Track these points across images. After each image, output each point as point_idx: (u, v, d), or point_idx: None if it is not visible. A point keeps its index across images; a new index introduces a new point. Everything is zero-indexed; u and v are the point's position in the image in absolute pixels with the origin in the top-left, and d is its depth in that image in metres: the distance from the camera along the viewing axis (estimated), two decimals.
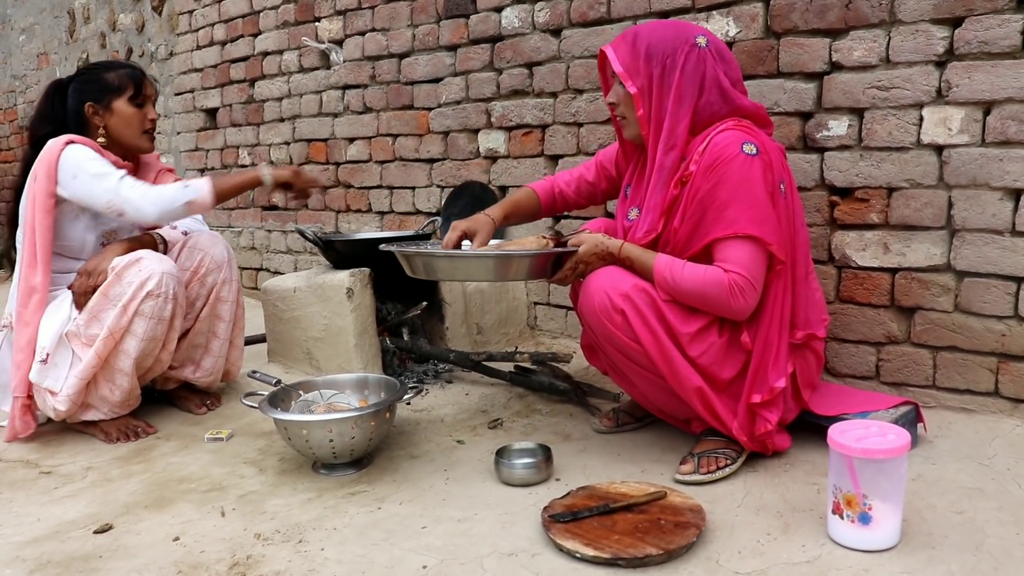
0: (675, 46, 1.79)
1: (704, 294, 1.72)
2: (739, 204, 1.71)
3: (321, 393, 2.12)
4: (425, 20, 3.21)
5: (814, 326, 1.88)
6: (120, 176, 2.14)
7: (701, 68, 1.78)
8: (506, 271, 1.85)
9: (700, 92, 1.79)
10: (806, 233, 1.92)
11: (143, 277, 2.10)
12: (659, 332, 1.73)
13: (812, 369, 1.91)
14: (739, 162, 1.71)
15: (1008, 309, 1.98)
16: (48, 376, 2.16)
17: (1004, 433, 1.94)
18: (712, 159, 1.73)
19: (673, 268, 1.74)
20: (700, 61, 1.78)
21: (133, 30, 4.91)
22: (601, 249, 1.82)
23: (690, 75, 1.78)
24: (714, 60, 1.80)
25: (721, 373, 1.77)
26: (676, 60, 1.78)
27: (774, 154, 1.79)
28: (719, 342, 1.76)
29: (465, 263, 1.89)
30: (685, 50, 1.78)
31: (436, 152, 3.28)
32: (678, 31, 1.82)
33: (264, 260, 4.27)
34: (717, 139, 1.75)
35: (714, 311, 1.75)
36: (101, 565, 1.55)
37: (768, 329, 1.77)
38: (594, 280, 1.80)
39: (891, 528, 1.45)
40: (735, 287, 1.70)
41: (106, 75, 2.27)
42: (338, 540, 1.60)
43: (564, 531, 1.52)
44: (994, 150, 1.96)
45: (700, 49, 1.79)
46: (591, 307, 1.78)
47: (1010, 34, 1.90)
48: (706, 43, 1.80)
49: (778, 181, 1.76)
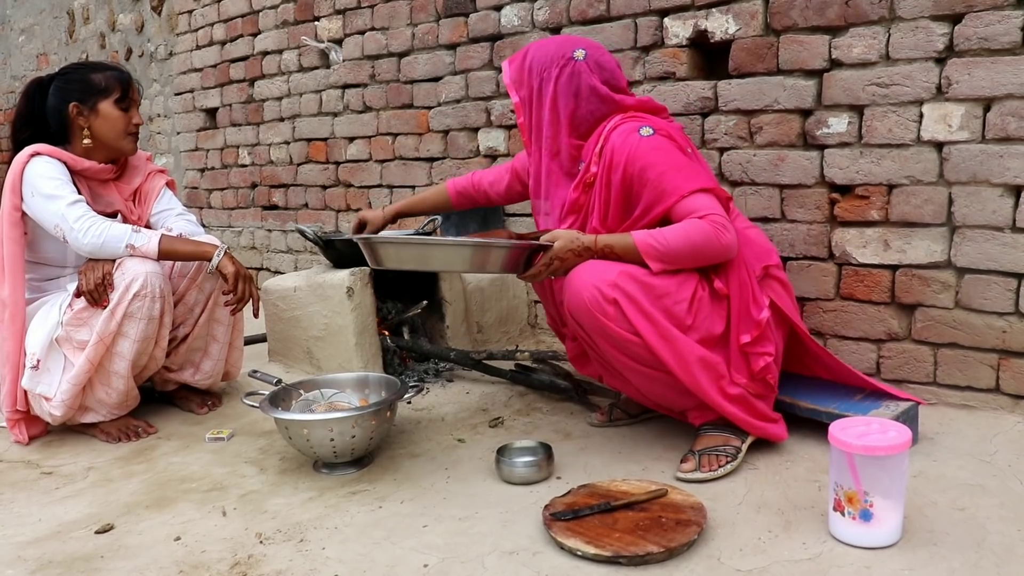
0: (552, 60, 1.93)
1: (693, 243, 1.75)
2: (669, 172, 1.80)
3: (322, 392, 2.12)
4: (424, 19, 3.21)
5: (767, 257, 1.92)
6: (71, 201, 2.11)
7: (575, 80, 1.91)
8: (482, 262, 1.84)
9: (576, 101, 1.92)
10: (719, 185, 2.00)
11: (127, 280, 2.10)
12: (655, 314, 1.73)
13: (785, 297, 1.93)
14: (644, 144, 1.82)
15: (1009, 305, 1.98)
16: (40, 382, 2.15)
17: (1005, 430, 1.94)
18: (618, 155, 1.83)
19: (655, 235, 1.77)
20: (574, 73, 1.91)
21: (132, 30, 4.91)
22: (577, 245, 1.81)
23: (564, 86, 1.92)
24: (590, 71, 1.92)
25: (714, 328, 1.79)
26: (551, 73, 1.93)
27: (672, 129, 1.90)
28: (705, 296, 1.80)
29: (440, 251, 1.88)
30: (560, 63, 1.92)
31: (436, 151, 3.28)
32: (560, 46, 1.96)
33: (264, 260, 4.27)
34: (612, 136, 1.87)
35: (709, 258, 1.78)
36: (102, 565, 1.55)
37: (738, 270, 1.81)
38: (578, 276, 1.78)
39: (892, 525, 1.45)
40: (717, 225, 1.75)
41: (93, 76, 2.24)
42: (339, 539, 1.60)
43: (565, 529, 1.52)
44: (994, 146, 1.95)
45: (576, 62, 1.92)
46: (581, 303, 1.76)
47: (1010, 30, 1.90)
48: (584, 55, 1.93)
49: (684, 147, 1.87)
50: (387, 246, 1.88)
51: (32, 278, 2.28)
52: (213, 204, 4.57)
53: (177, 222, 2.40)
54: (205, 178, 4.60)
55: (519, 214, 3.04)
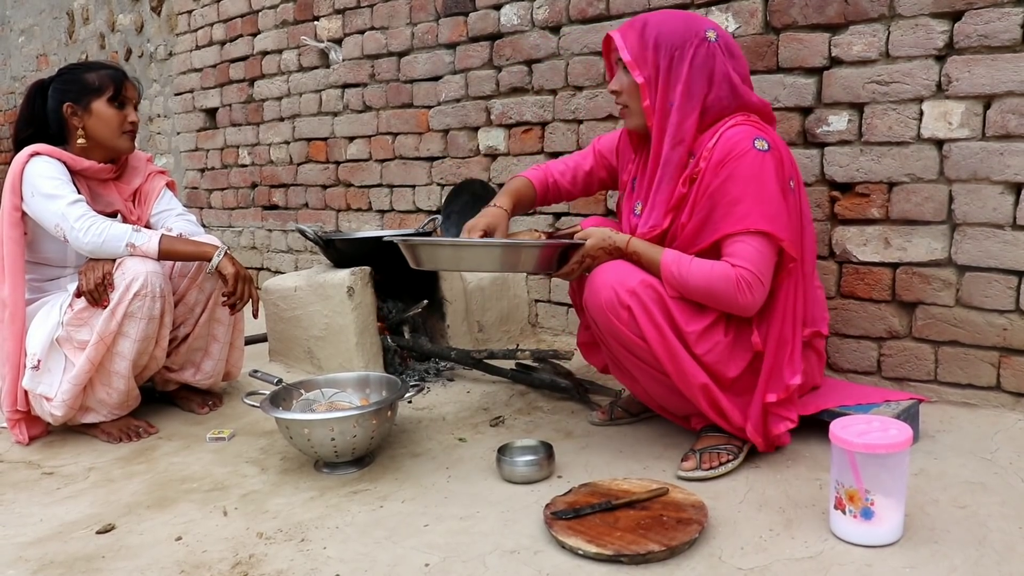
0: (685, 38, 1.76)
1: (711, 289, 1.70)
2: (750, 200, 1.69)
3: (322, 392, 2.12)
4: (424, 18, 3.21)
5: (819, 323, 1.88)
6: (71, 201, 2.11)
7: (711, 62, 1.76)
8: (514, 262, 1.80)
9: (709, 87, 1.76)
10: (813, 230, 1.90)
11: (128, 279, 2.10)
12: (665, 329, 1.72)
13: (814, 368, 1.92)
14: (751, 157, 1.69)
15: (1009, 303, 1.98)
16: (41, 382, 2.16)
17: (1006, 427, 1.94)
18: (723, 154, 1.71)
19: (680, 263, 1.73)
20: (710, 55, 1.76)
21: (132, 30, 4.91)
22: (608, 244, 1.80)
23: (699, 69, 1.75)
24: (724, 55, 1.77)
25: (727, 371, 1.76)
26: (685, 52, 1.75)
27: (784, 151, 1.78)
28: (724, 341, 1.75)
29: (472, 252, 1.83)
30: (695, 43, 1.75)
31: (436, 150, 3.28)
32: (688, 23, 1.79)
33: (265, 259, 4.27)
34: (728, 134, 1.73)
35: (721, 307, 1.74)
36: (104, 565, 1.55)
37: (782, 327, 1.76)
38: (600, 275, 1.77)
39: (893, 523, 1.45)
40: (743, 282, 1.68)
41: (86, 76, 2.24)
42: (340, 539, 1.60)
43: (566, 528, 1.52)
44: (995, 144, 1.95)
45: (710, 43, 1.76)
46: (597, 302, 1.76)
47: (1010, 27, 1.90)
48: (715, 37, 1.77)
49: (788, 178, 1.75)
50: (426, 248, 1.85)
51: (32, 278, 2.28)
52: (213, 204, 4.57)
53: (177, 222, 2.40)
54: (205, 178, 4.60)
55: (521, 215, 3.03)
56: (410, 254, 1.87)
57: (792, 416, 1.80)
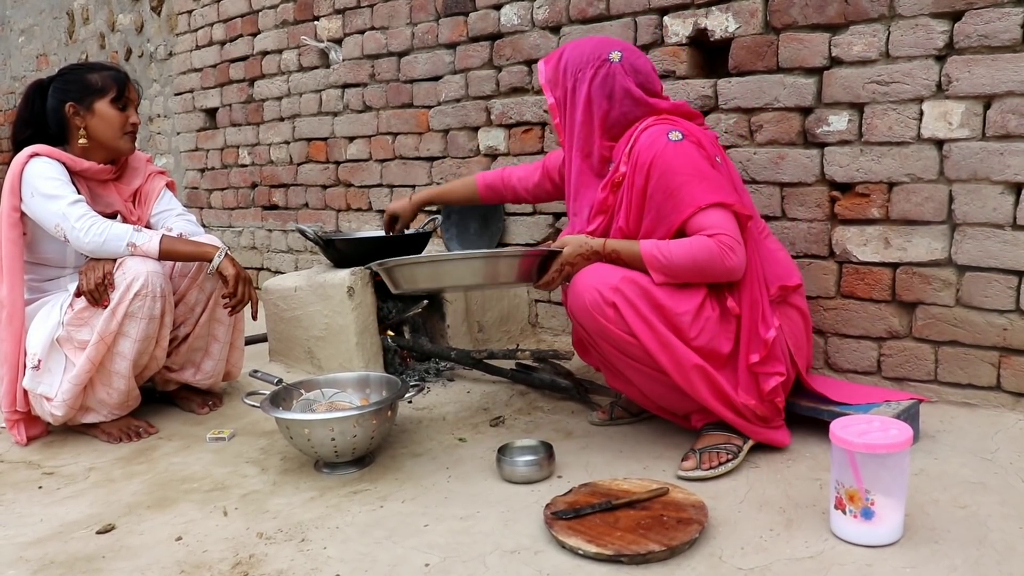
0: (587, 61, 1.91)
1: (697, 261, 1.74)
2: (690, 182, 1.77)
3: (323, 392, 2.12)
4: (424, 18, 3.21)
5: (783, 278, 1.90)
6: (71, 201, 2.11)
7: (610, 82, 1.89)
8: (493, 273, 1.85)
9: (610, 103, 1.89)
10: (750, 197, 2.02)
11: (128, 279, 2.10)
12: (653, 320, 1.74)
13: (799, 327, 1.92)
14: (670, 149, 1.79)
15: (1010, 303, 1.98)
16: (42, 382, 2.16)
17: (1006, 427, 1.94)
18: (644, 157, 1.81)
19: (660, 247, 1.76)
20: (609, 75, 1.89)
21: (132, 30, 4.91)
22: (586, 249, 1.84)
23: (598, 88, 1.89)
24: (624, 73, 1.89)
25: (720, 347, 1.78)
26: (586, 74, 1.90)
27: (703, 136, 1.87)
28: (713, 316, 1.78)
29: (451, 266, 1.88)
30: (595, 64, 1.90)
31: (436, 150, 3.28)
32: (596, 47, 1.93)
33: (265, 259, 4.27)
34: (641, 137, 1.84)
35: (711, 277, 1.77)
36: (104, 565, 1.55)
37: (751, 289, 1.80)
38: (581, 278, 1.80)
39: (894, 523, 1.45)
40: (724, 246, 1.73)
41: (89, 76, 2.24)
42: (341, 539, 1.60)
43: (567, 528, 1.52)
44: (995, 144, 1.95)
45: (611, 64, 1.90)
46: (582, 304, 1.78)
47: (1010, 27, 1.90)
48: (619, 58, 1.90)
49: (712, 156, 1.84)
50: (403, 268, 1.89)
51: (32, 278, 2.28)
52: (213, 204, 4.57)
53: (177, 222, 2.40)
54: (205, 178, 4.60)
55: (519, 213, 3.04)
56: (388, 278, 1.92)
57: (780, 369, 1.81)
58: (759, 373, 1.80)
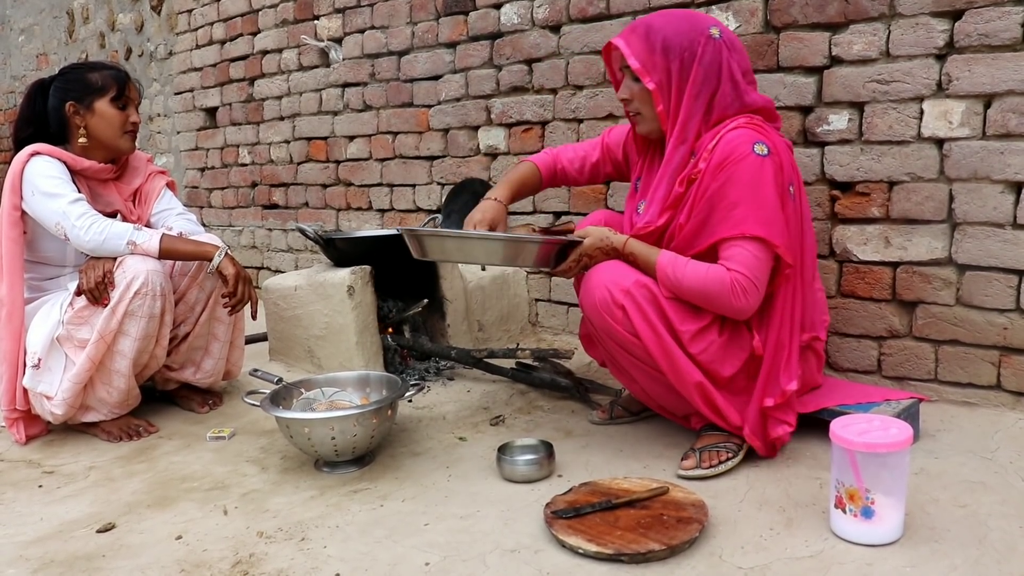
0: (692, 39, 1.75)
1: (706, 291, 1.71)
2: (748, 204, 1.69)
3: (323, 391, 2.12)
4: (424, 17, 3.21)
5: (817, 328, 1.88)
6: (72, 199, 2.12)
7: (718, 60, 1.76)
8: (513, 256, 1.84)
9: (718, 83, 1.77)
10: (813, 235, 1.90)
11: (128, 278, 2.10)
12: (659, 328, 1.73)
13: (813, 370, 1.92)
14: (750, 162, 1.70)
15: (1010, 302, 1.98)
16: (42, 381, 2.16)
17: (1006, 427, 1.94)
18: (722, 157, 1.72)
19: (676, 265, 1.73)
20: (717, 52, 1.76)
21: (132, 30, 4.91)
22: (606, 244, 1.81)
23: (707, 68, 1.76)
24: (728, 51, 1.77)
25: (721, 370, 1.76)
26: (695, 53, 1.75)
27: (784, 154, 1.78)
28: (719, 341, 1.76)
29: (475, 244, 1.86)
30: (702, 42, 1.75)
31: (436, 149, 3.27)
32: (692, 23, 1.79)
33: (265, 259, 4.27)
34: (728, 137, 1.73)
35: (715, 309, 1.74)
36: (104, 564, 1.55)
37: (779, 332, 1.77)
38: (596, 274, 1.79)
39: (894, 522, 1.45)
40: (737, 286, 1.69)
41: (89, 75, 2.24)
42: (341, 538, 1.60)
43: (567, 527, 1.52)
44: (995, 143, 1.95)
45: (715, 40, 1.76)
46: (592, 302, 1.78)
47: (1010, 26, 1.90)
48: (719, 34, 1.78)
49: (788, 183, 1.75)
50: (432, 239, 1.89)
51: (32, 277, 2.28)
52: (213, 203, 4.57)
53: (177, 221, 2.40)
54: (205, 177, 4.60)
55: (520, 212, 3.03)
56: (415, 245, 1.90)
57: (790, 420, 1.80)
58: (770, 417, 1.79)
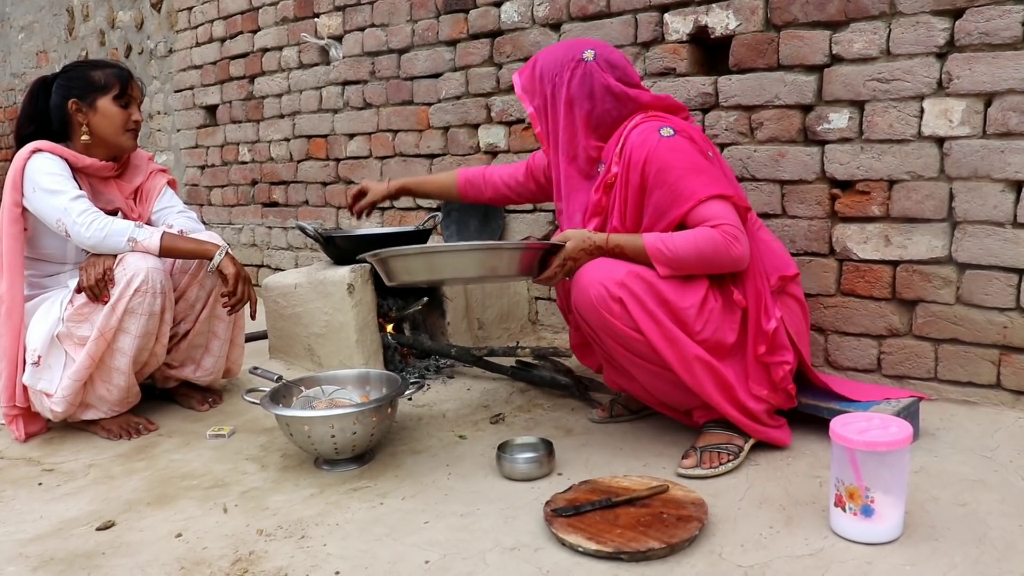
0: (562, 64, 1.91)
1: (702, 252, 1.74)
2: (687, 176, 1.76)
3: (323, 389, 2.12)
4: (424, 15, 3.20)
5: (782, 269, 1.90)
6: (73, 196, 2.12)
7: (588, 80, 1.89)
8: (493, 265, 1.82)
9: (592, 103, 1.89)
10: (743, 191, 2.00)
11: (128, 275, 2.10)
12: (659, 315, 1.73)
13: (798, 316, 1.92)
14: (664, 145, 1.78)
15: (1010, 301, 1.98)
16: (42, 378, 2.16)
17: (1006, 425, 1.94)
18: (638, 154, 1.80)
19: (664, 240, 1.76)
20: (586, 74, 1.89)
21: (132, 27, 4.91)
22: (589, 244, 1.82)
23: (577, 88, 1.89)
24: (602, 70, 1.89)
25: (725, 337, 1.79)
26: (563, 77, 1.90)
27: (694, 131, 1.87)
28: (717, 307, 1.79)
29: (448, 257, 1.82)
30: (571, 66, 1.90)
31: (436, 147, 3.27)
32: (568, 50, 1.93)
33: (265, 257, 4.27)
34: (632, 135, 1.83)
35: (717, 267, 1.77)
36: (104, 562, 1.55)
37: (754, 280, 1.81)
38: (586, 273, 1.79)
39: (893, 520, 1.45)
40: (729, 236, 1.73)
41: (92, 73, 2.24)
42: (341, 535, 1.60)
43: (566, 525, 1.52)
44: (995, 142, 1.95)
45: (586, 63, 1.89)
46: (587, 300, 1.77)
47: (1011, 25, 1.90)
48: (593, 56, 1.90)
49: (705, 151, 1.83)
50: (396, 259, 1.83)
51: (32, 274, 2.28)
52: (213, 201, 4.57)
53: (178, 219, 2.40)
54: (205, 175, 4.60)
55: (520, 211, 3.03)
56: (382, 269, 1.86)
57: (787, 357, 1.82)
58: (769, 363, 1.81)
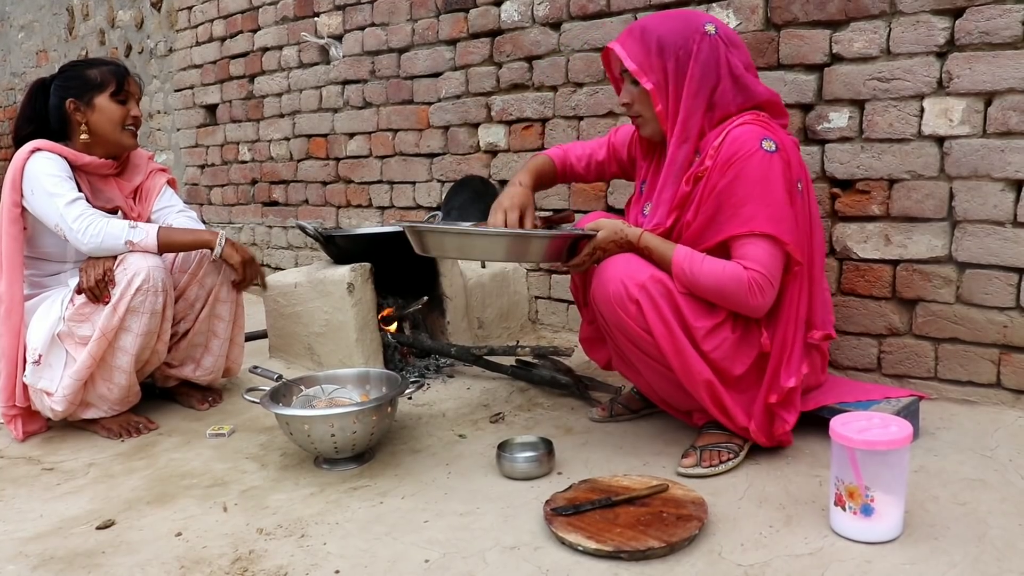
0: (687, 36, 1.75)
1: (722, 289, 1.70)
2: (756, 202, 1.68)
3: (322, 388, 2.12)
4: (424, 14, 3.20)
5: (827, 326, 1.87)
6: (69, 200, 2.12)
7: (715, 56, 1.75)
8: (523, 251, 1.79)
9: (717, 80, 1.76)
10: (822, 233, 1.89)
11: (130, 275, 2.10)
12: (672, 325, 1.71)
13: (818, 369, 1.91)
14: (758, 159, 1.68)
15: (1010, 300, 1.98)
16: (42, 377, 2.16)
17: (1006, 424, 1.94)
18: (729, 154, 1.70)
19: (692, 261, 1.72)
20: (713, 49, 1.75)
21: (132, 27, 4.91)
22: (620, 237, 1.79)
23: (704, 64, 1.75)
24: (725, 47, 1.77)
25: (732, 368, 1.75)
26: (690, 50, 1.75)
27: (792, 151, 1.76)
28: (732, 337, 1.75)
29: (482, 240, 1.80)
30: (697, 39, 1.75)
31: (436, 147, 3.27)
32: (687, 21, 1.79)
33: (265, 256, 4.27)
34: (735, 133, 1.72)
35: (730, 307, 1.73)
36: (104, 560, 1.55)
37: (785, 329, 1.76)
38: (610, 267, 1.76)
39: (893, 520, 1.45)
40: (754, 284, 1.68)
41: (88, 72, 2.25)
42: (340, 534, 1.60)
43: (566, 524, 1.52)
44: (995, 141, 1.95)
45: (711, 37, 1.76)
46: (605, 295, 1.75)
47: (1011, 24, 1.90)
48: (715, 30, 1.77)
49: (796, 179, 1.74)
50: (434, 235, 1.82)
51: (32, 274, 2.28)
52: (213, 200, 4.57)
53: (178, 219, 2.40)
54: (205, 174, 4.60)
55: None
56: (416, 240, 1.85)
57: (790, 418, 1.79)
58: (775, 414, 1.79)
